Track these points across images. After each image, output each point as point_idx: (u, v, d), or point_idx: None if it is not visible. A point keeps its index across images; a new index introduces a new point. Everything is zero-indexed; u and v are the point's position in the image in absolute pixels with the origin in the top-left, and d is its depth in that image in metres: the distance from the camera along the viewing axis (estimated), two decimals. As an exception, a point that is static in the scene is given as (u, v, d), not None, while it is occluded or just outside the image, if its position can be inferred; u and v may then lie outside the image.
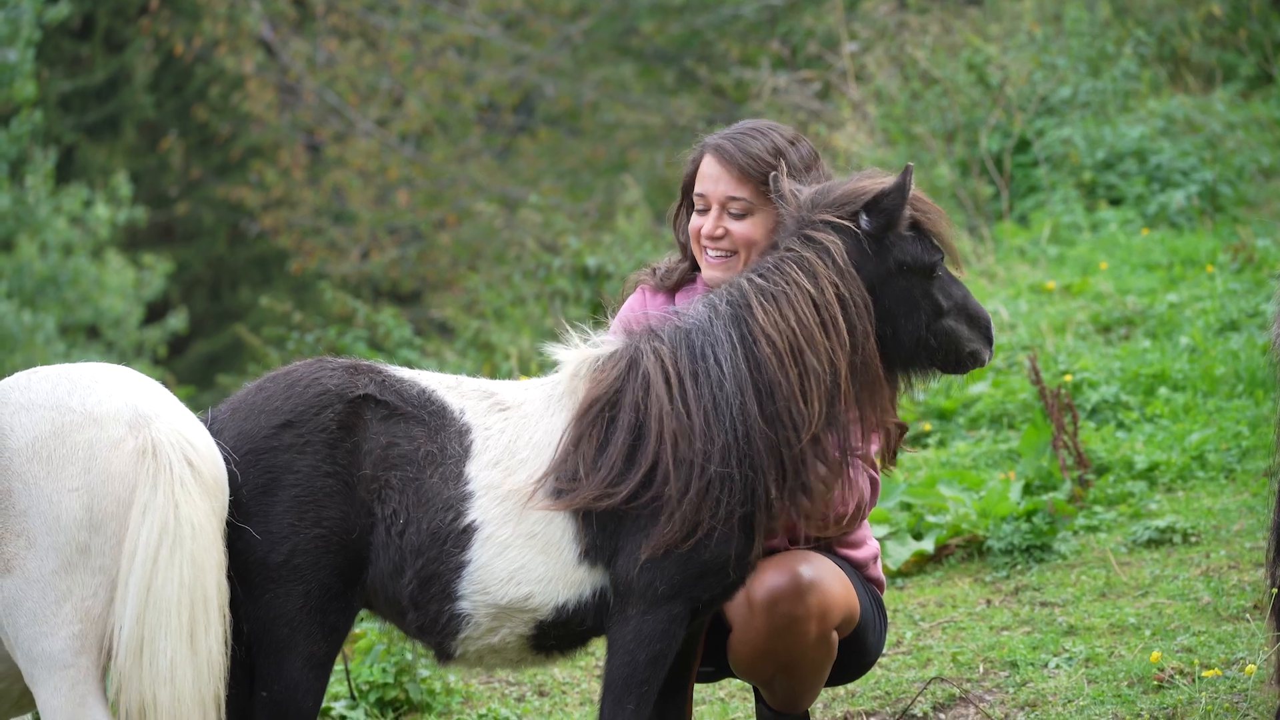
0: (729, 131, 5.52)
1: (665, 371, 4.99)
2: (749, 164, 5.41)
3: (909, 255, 5.08)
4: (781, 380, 4.95)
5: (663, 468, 4.92)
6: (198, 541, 4.67)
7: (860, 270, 5.05)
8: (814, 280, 5.01)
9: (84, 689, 4.65)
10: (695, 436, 4.94)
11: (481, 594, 4.97)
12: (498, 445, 5.04)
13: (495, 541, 4.97)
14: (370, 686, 7.26)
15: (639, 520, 4.95)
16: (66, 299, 24.65)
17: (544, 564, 4.98)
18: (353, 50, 26.80)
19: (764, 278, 5.06)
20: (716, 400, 4.96)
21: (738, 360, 4.98)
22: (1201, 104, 14.99)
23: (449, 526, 4.96)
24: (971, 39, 15.63)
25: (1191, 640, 6.76)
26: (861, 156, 15.15)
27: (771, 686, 5.58)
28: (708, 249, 5.46)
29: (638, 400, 4.98)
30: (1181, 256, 11.98)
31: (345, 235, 26.54)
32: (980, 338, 5.16)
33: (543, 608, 5.00)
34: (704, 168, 5.48)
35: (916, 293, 5.08)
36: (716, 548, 4.95)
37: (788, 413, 4.95)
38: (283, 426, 4.94)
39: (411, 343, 15.15)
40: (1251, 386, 9.37)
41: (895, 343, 5.09)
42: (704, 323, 5.04)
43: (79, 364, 4.88)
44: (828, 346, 4.98)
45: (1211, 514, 8.18)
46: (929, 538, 8.29)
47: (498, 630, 5.02)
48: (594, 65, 25.99)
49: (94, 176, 27.31)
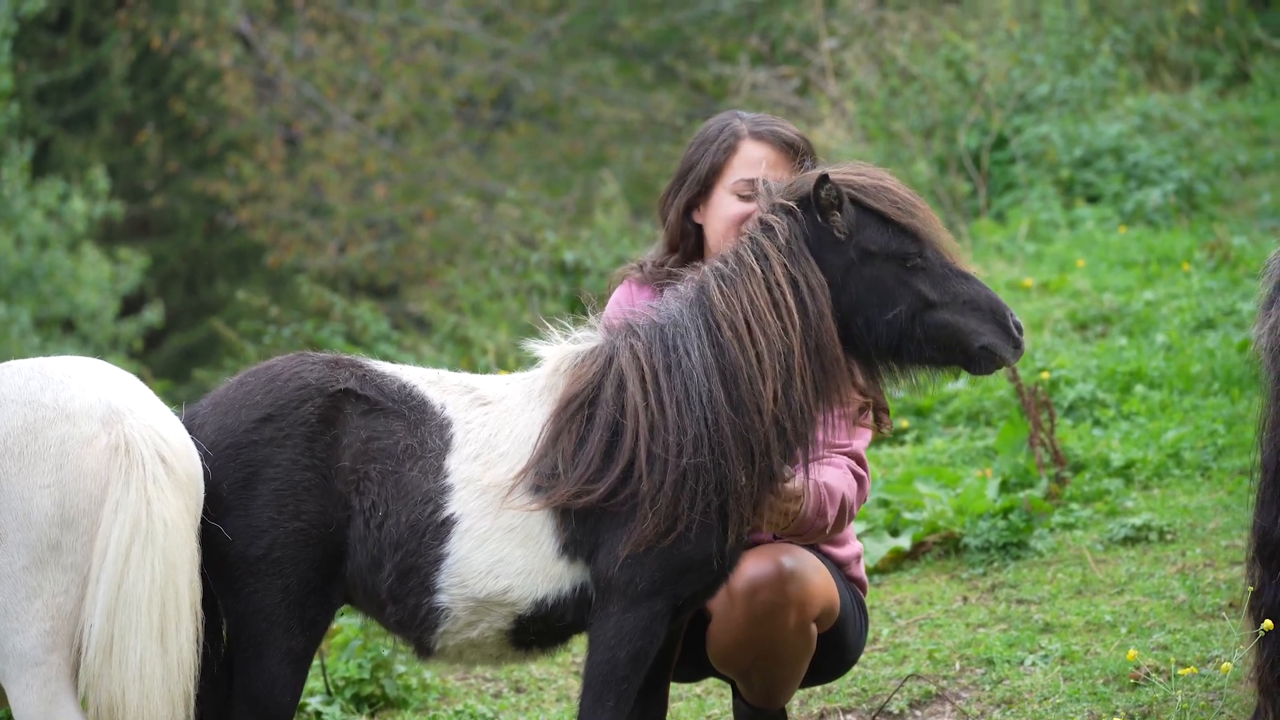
0: (756, 117, 5.52)
1: (640, 367, 4.97)
2: (798, 141, 5.43)
3: (873, 242, 5.00)
4: (742, 363, 4.93)
5: (639, 463, 4.91)
6: (170, 539, 4.65)
7: (818, 255, 5.00)
8: (765, 261, 4.99)
9: (56, 686, 4.62)
10: (669, 430, 4.92)
11: (460, 587, 4.96)
12: (478, 439, 5.02)
13: (474, 534, 4.95)
14: (346, 682, 7.24)
15: (618, 516, 4.93)
16: (42, 292, 24.54)
17: (523, 557, 4.96)
18: (331, 44, 26.73)
19: (724, 262, 5.05)
20: (688, 390, 4.95)
21: (704, 347, 4.96)
22: (1178, 102, 15.03)
23: (428, 519, 4.94)
24: (950, 36, 15.64)
25: (1167, 638, 6.77)
26: (840, 153, 15.14)
27: (749, 678, 5.58)
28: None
29: (614, 396, 4.97)
30: (1158, 254, 12.00)
31: (322, 229, 26.47)
32: (995, 331, 5.01)
33: (521, 602, 4.98)
34: (748, 153, 5.46)
35: (889, 282, 5.00)
36: (697, 542, 4.94)
37: (750, 395, 4.93)
38: (263, 420, 4.93)
39: (389, 337, 15.12)
40: (1227, 384, 9.39)
41: (871, 334, 5.02)
42: (675, 313, 5.03)
43: (54, 358, 4.84)
44: (779, 327, 4.94)
45: (1187, 512, 8.19)
46: (906, 535, 8.29)
47: (477, 624, 5.00)
48: (572, 60, 25.97)
49: (70, 170, 27.18)
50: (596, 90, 25.65)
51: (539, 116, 26.69)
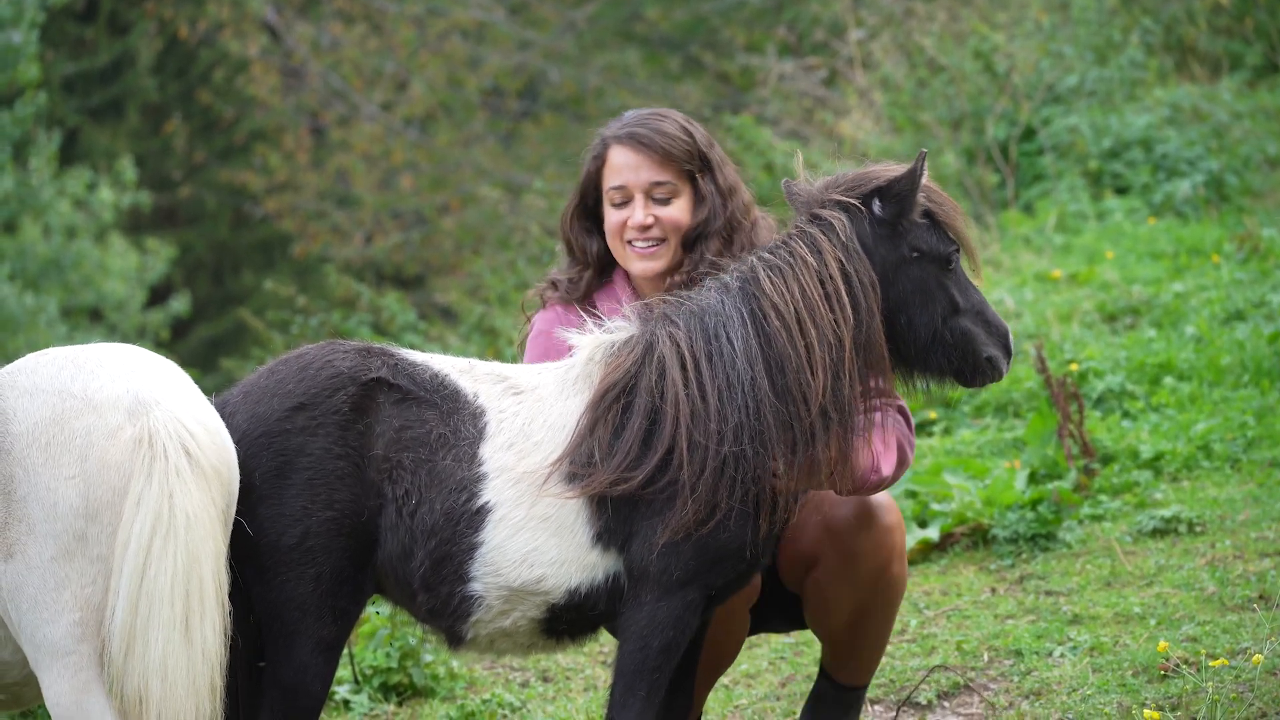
0: (628, 120, 5.53)
1: (680, 355, 4.98)
2: (669, 144, 5.44)
3: (924, 243, 5.07)
4: (790, 353, 4.95)
5: (679, 451, 4.91)
6: (192, 532, 4.63)
7: (871, 253, 5.05)
8: (818, 255, 5.02)
9: (86, 675, 4.63)
10: (710, 418, 4.93)
11: (494, 576, 4.96)
12: (512, 428, 5.02)
13: (509, 523, 4.95)
14: (374, 671, 7.26)
15: (654, 505, 4.93)
16: (69, 282, 24.63)
17: (557, 546, 4.96)
18: (357, 34, 26.77)
19: (772, 254, 5.09)
20: (729, 379, 4.96)
21: (748, 336, 4.98)
22: (1208, 93, 14.95)
23: (462, 507, 4.94)
24: (978, 27, 15.59)
25: (1196, 630, 6.74)
26: (867, 144, 15.13)
27: (841, 634, 5.64)
28: (634, 241, 5.48)
29: (653, 385, 4.97)
30: (1187, 246, 11.96)
31: (349, 219, 26.52)
32: (998, 345, 5.12)
33: (555, 590, 4.98)
34: (615, 159, 5.48)
35: (931, 283, 5.07)
36: (735, 530, 4.94)
37: (797, 385, 4.95)
38: (296, 409, 4.93)
39: (415, 327, 15.15)
40: (1257, 376, 9.35)
41: (911, 332, 5.08)
42: (715, 303, 5.04)
43: (90, 345, 4.83)
44: (831, 319, 4.97)
45: (1217, 504, 8.16)
46: (934, 526, 8.28)
47: (509, 613, 5.00)
48: (599, 51, 25.97)
49: (98, 159, 27.27)
50: (623, 81, 25.64)
51: (565, 107, 26.69)
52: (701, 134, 5.53)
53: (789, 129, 17.66)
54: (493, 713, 6.91)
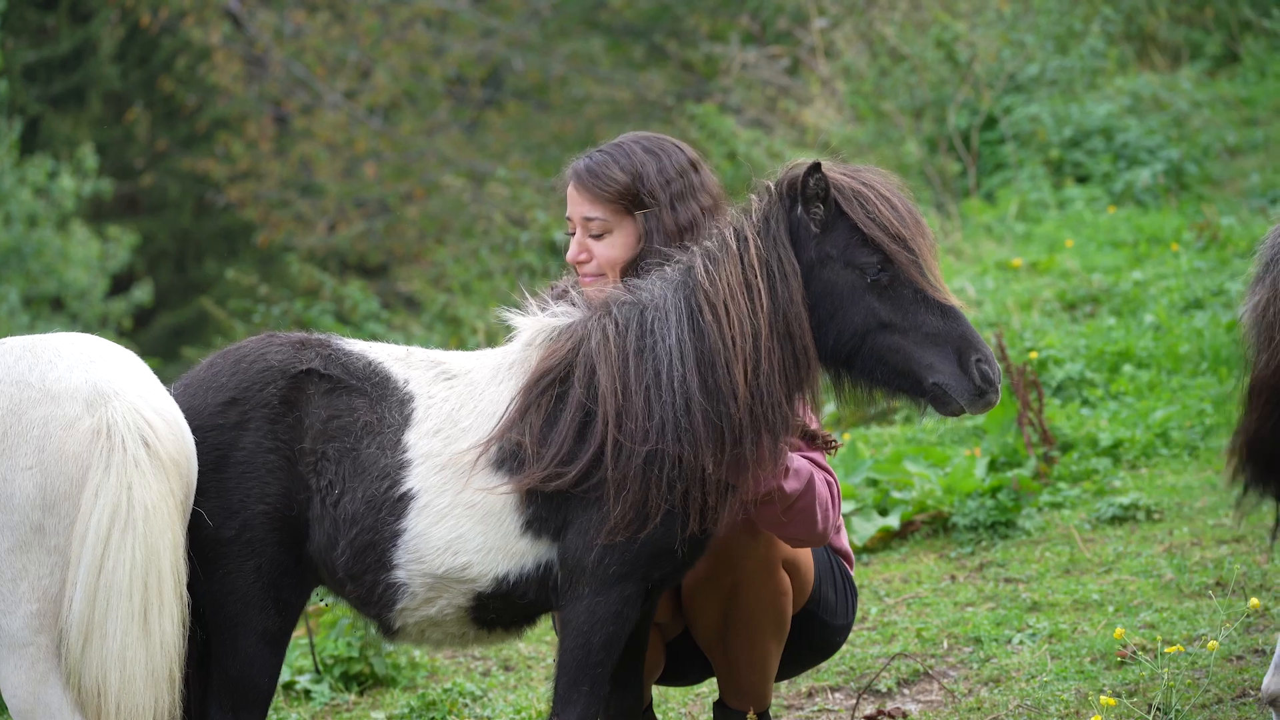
0: (592, 151, 5.48)
1: (610, 351, 4.93)
2: (600, 186, 5.37)
3: (836, 248, 4.92)
4: (720, 347, 4.88)
5: (609, 448, 4.88)
6: (150, 524, 4.62)
7: (795, 245, 4.93)
8: (742, 242, 4.95)
9: (44, 666, 4.62)
10: (635, 416, 4.88)
11: (417, 563, 4.94)
12: (439, 414, 5.00)
13: (433, 510, 4.94)
14: (335, 660, 7.26)
15: (588, 498, 4.91)
16: (31, 270, 24.49)
17: (483, 534, 4.94)
18: (320, 22, 26.67)
19: (710, 241, 5.03)
20: (659, 375, 4.90)
21: (684, 331, 4.91)
22: (1168, 82, 15.03)
23: (384, 495, 4.93)
24: (940, 16, 15.63)
25: (1154, 616, 6.79)
26: (830, 133, 15.15)
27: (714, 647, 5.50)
28: (579, 271, 5.46)
29: (584, 379, 4.94)
30: (1147, 234, 12.01)
31: (312, 208, 26.43)
32: (953, 372, 4.86)
33: (481, 578, 4.96)
34: (570, 194, 5.46)
35: (844, 291, 4.91)
36: (666, 528, 4.91)
37: (726, 380, 4.88)
38: (228, 404, 4.95)
39: (378, 316, 15.12)
40: (1215, 364, 9.41)
41: (820, 334, 4.93)
42: (657, 295, 5.00)
43: (50, 335, 4.81)
44: (749, 308, 4.88)
45: (1175, 491, 8.21)
46: (894, 514, 8.31)
47: (435, 601, 4.99)
48: (563, 39, 25.92)
49: (59, 148, 27.11)
50: (587, 69, 25.61)
51: (529, 95, 26.64)
52: (658, 170, 5.37)
53: (752, 118, 17.67)
54: (454, 701, 6.91)
